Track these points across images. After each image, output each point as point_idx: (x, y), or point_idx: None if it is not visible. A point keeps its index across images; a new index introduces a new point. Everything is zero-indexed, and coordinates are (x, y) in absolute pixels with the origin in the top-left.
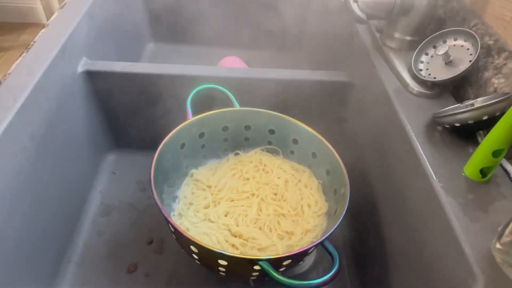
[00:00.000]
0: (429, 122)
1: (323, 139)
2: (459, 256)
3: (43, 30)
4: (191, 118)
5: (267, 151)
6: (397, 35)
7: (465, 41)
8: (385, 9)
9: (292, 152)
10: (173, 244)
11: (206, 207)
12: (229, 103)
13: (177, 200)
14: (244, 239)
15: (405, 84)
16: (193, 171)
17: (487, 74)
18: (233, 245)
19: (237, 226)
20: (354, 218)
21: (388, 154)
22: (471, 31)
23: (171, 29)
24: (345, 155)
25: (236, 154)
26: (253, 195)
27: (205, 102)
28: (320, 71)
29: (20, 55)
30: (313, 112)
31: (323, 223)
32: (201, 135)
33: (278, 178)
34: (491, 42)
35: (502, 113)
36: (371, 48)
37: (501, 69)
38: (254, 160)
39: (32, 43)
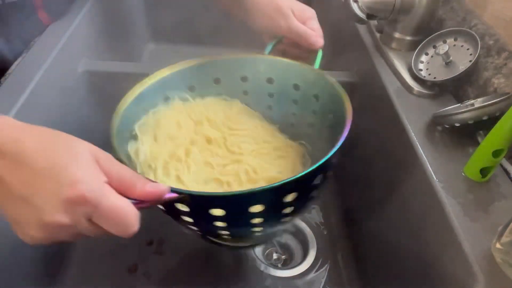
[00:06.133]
0: (429, 122)
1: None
2: (459, 256)
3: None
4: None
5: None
6: (397, 35)
7: (465, 41)
8: (385, 9)
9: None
10: (173, 244)
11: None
12: None
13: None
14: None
15: (405, 84)
16: None
17: (487, 74)
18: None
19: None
20: (354, 218)
21: (388, 154)
22: (471, 31)
23: (171, 29)
24: (344, 155)
25: None
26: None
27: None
28: None
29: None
30: None
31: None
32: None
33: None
34: (491, 42)
35: (502, 113)
36: (371, 48)
37: (501, 69)
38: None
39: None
